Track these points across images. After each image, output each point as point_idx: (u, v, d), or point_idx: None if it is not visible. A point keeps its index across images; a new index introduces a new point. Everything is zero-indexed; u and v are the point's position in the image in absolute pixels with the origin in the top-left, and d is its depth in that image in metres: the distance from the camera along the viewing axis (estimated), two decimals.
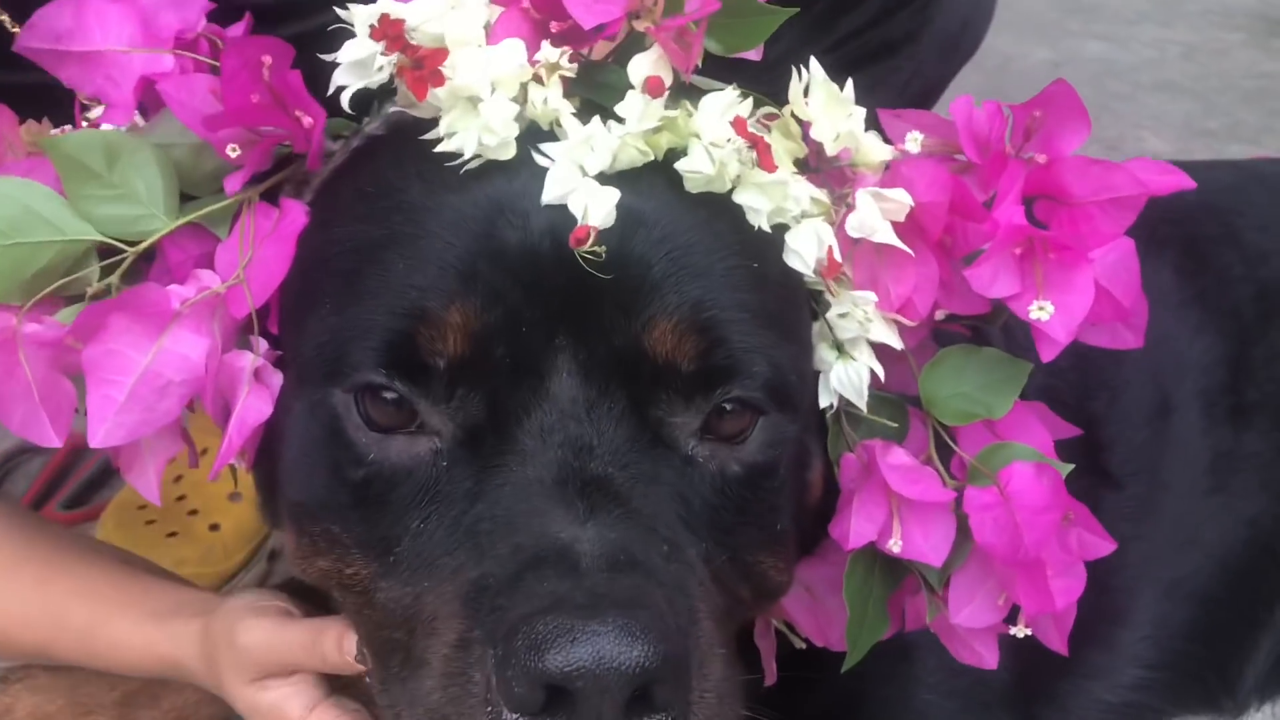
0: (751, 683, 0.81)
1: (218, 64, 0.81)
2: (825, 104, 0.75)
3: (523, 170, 0.76)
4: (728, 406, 0.77)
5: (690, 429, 0.77)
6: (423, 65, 0.74)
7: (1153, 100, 3.20)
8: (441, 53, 0.75)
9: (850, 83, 0.81)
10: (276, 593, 1.03)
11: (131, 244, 0.80)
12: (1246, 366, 1.32)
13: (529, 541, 0.69)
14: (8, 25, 1.23)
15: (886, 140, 0.84)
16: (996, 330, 0.89)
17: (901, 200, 0.73)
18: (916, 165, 0.75)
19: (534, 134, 0.77)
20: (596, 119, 0.75)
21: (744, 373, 0.76)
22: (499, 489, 0.74)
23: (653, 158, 0.77)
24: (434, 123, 0.79)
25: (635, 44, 0.80)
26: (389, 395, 0.76)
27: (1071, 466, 0.83)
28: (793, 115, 0.81)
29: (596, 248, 0.70)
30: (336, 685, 1.09)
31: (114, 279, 0.80)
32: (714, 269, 0.76)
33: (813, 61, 0.78)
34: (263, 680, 0.96)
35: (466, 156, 0.75)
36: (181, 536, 1.47)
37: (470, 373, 0.75)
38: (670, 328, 0.74)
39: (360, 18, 0.79)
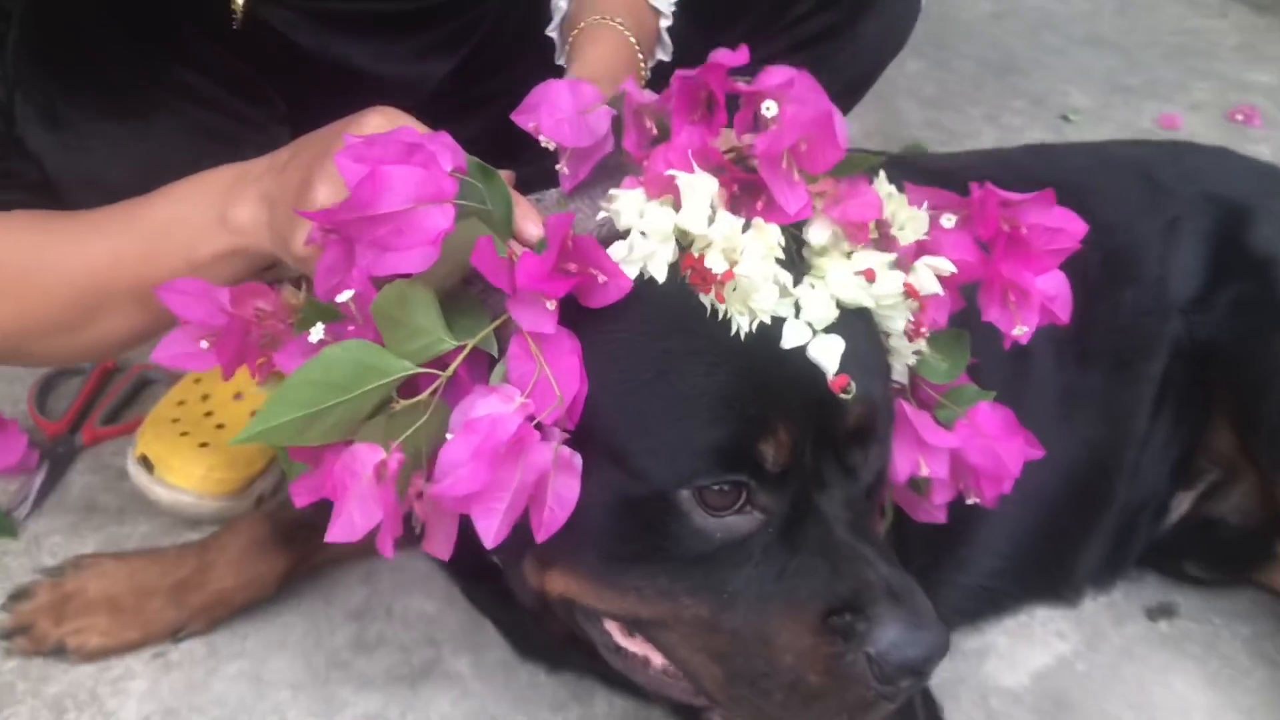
0: None
1: (485, 207, 1.00)
2: (898, 208, 1.08)
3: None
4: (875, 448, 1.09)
5: (863, 465, 1.08)
6: (721, 283, 0.97)
7: (1082, 55, 3.40)
8: (730, 273, 0.97)
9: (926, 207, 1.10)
10: None
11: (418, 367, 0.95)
12: (1090, 319, 1.52)
13: (854, 582, 1.00)
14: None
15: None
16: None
17: (945, 267, 1.08)
18: (944, 235, 1.10)
19: None
20: (816, 286, 1.02)
21: (884, 426, 1.10)
22: (809, 542, 1.02)
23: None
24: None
25: None
26: (727, 488, 1.00)
27: (994, 393, 1.18)
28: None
29: (849, 391, 1.00)
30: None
31: (425, 396, 0.95)
32: (868, 356, 1.08)
33: (881, 175, 1.07)
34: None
35: (743, 330, 0.98)
36: (211, 446, 1.70)
37: (789, 469, 1.02)
38: (860, 413, 1.05)
39: (630, 211, 1.00)
